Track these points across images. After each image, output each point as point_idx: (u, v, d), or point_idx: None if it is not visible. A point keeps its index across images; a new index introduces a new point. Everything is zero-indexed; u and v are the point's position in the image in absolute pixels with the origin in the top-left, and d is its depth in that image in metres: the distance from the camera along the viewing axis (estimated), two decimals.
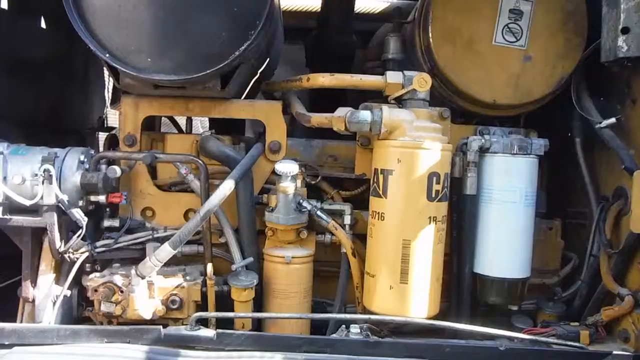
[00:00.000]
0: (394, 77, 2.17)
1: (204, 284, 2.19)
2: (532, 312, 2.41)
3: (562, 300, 2.41)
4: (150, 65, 2.04)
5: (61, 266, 2.22)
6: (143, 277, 2.09)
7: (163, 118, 2.94)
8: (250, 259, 2.21)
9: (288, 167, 2.11)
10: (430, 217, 2.05)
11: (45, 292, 2.17)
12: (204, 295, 2.19)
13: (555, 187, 2.60)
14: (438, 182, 2.05)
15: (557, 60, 2.33)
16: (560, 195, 2.63)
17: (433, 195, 2.04)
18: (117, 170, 2.13)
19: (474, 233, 2.23)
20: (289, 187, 2.14)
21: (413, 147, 2.04)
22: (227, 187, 2.09)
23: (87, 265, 2.26)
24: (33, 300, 2.18)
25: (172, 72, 2.05)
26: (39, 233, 2.16)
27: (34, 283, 2.18)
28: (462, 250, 2.26)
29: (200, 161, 2.22)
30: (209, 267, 2.16)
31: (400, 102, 2.20)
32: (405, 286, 2.06)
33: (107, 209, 2.33)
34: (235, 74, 2.15)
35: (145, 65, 2.04)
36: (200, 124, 3.81)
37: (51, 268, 2.19)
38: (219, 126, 3.02)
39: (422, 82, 2.10)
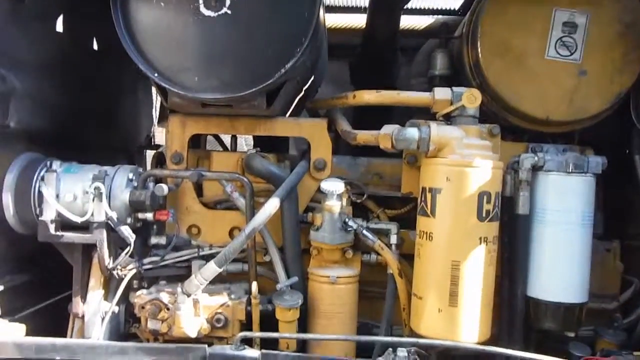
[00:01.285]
0: (442, 93, 2.12)
1: (249, 302, 2.18)
2: (590, 340, 2.28)
3: (622, 327, 2.27)
4: (198, 84, 2.07)
5: (109, 282, 2.25)
6: (189, 295, 2.09)
7: (208, 136, 2.98)
8: (295, 279, 2.18)
9: (334, 186, 2.09)
10: (480, 238, 1.98)
11: (94, 308, 2.21)
12: (249, 314, 2.18)
13: (612, 206, 2.48)
14: (489, 202, 1.98)
15: (615, 75, 2.23)
16: (618, 215, 2.50)
17: (484, 215, 1.97)
18: (164, 188, 2.15)
19: (527, 255, 2.14)
20: (334, 205, 2.11)
21: (462, 165, 1.98)
22: (272, 205, 2.08)
23: (135, 282, 2.29)
24: (83, 316, 2.21)
25: (219, 90, 2.07)
26: (89, 249, 2.20)
27: (83, 299, 2.22)
28: (514, 272, 2.16)
29: (245, 179, 2.22)
30: (254, 286, 2.15)
31: (448, 119, 2.14)
32: (455, 309, 1.98)
33: (154, 226, 2.36)
34: (281, 92, 2.15)
35: (192, 85, 2.07)
36: (245, 142, 3.84)
37: (100, 284, 2.23)
38: (263, 144, 3.03)
39: (471, 98, 2.04)
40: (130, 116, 3.44)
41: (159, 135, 3.91)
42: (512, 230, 2.15)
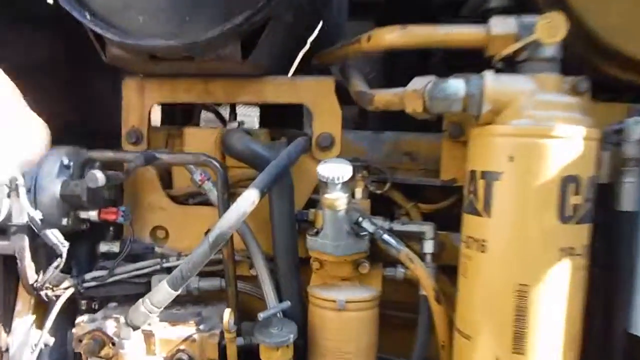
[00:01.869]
0: (502, 25, 1.37)
1: (223, 335, 1.56)
2: None
3: None
4: (143, 26, 1.47)
5: (48, 305, 1.70)
6: (135, 328, 1.49)
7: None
8: (287, 304, 1.54)
9: (334, 170, 1.40)
10: (563, 249, 1.27)
11: (22, 338, 1.67)
12: (224, 352, 1.56)
13: None
14: (577, 192, 1.26)
15: None
16: None
17: (569, 214, 1.26)
18: (98, 177, 1.53)
19: (633, 273, 1.41)
20: (338, 199, 1.43)
21: (535, 134, 1.26)
22: (249, 200, 1.43)
23: (83, 302, 1.75)
24: (7, 350, 1.68)
25: (172, 35, 1.46)
26: (13, 262, 1.65)
27: (8, 328, 1.68)
28: (611, 299, 1.43)
29: (215, 162, 1.59)
30: (227, 314, 1.51)
31: (512, 65, 1.41)
32: (521, 358, 1.29)
33: (111, 230, 1.79)
34: (263, 36, 1.49)
35: (135, 27, 1.47)
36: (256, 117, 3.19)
37: (29, 308, 1.70)
38: (271, 118, 2.39)
39: (551, 28, 1.29)
40: (111, 93, 2.89)
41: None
42: (610, 236, 1.42)
